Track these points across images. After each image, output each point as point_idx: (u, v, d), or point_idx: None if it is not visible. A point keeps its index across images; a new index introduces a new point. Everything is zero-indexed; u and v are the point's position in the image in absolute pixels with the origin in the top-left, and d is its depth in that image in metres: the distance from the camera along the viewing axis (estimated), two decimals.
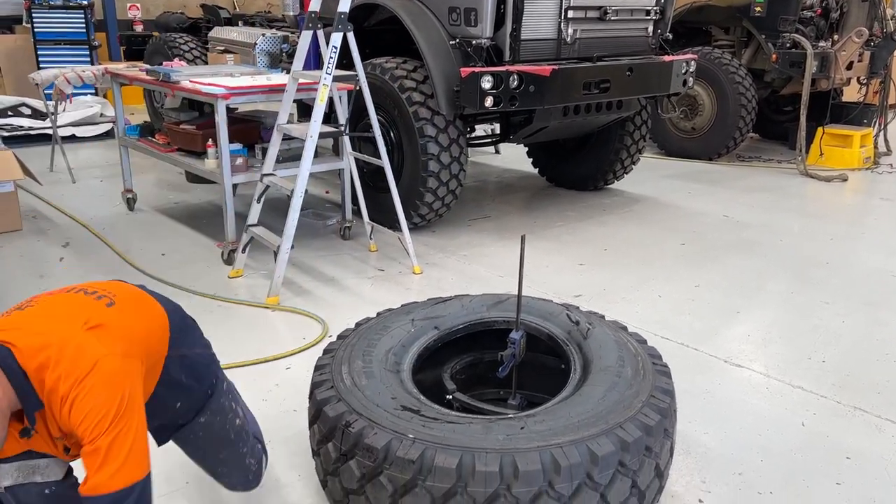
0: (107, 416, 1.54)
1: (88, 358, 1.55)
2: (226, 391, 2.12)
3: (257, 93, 4.33)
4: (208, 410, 2.03)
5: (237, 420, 2.14)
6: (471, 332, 2.72)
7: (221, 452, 2.11)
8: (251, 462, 2.18)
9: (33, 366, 1.54)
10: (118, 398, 1.56)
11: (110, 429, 1.54)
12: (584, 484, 1.97)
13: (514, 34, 4.57)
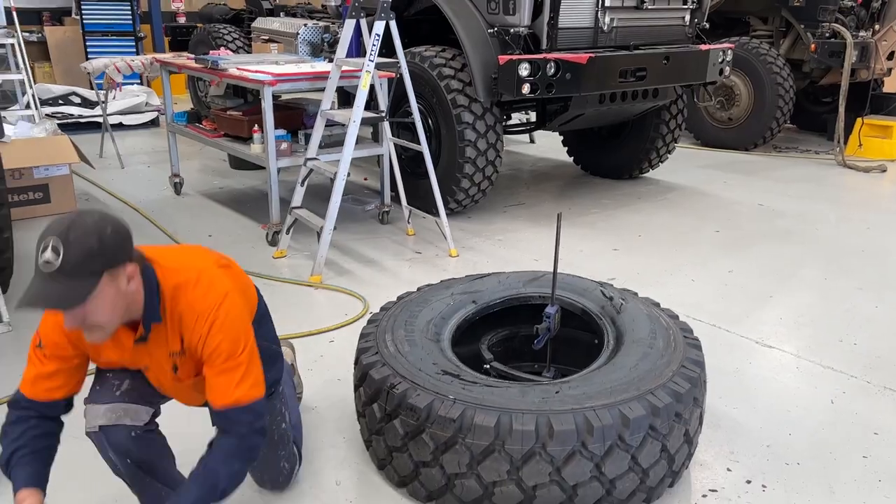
0: (244, 338, 1.78)
1: (221, 288, 1.78)
2: (280, 393, 2.20)
3: (302, 79, 4.48)
4: None
5: (283, 424, 2.20)
6: (507, 306, 2.83)
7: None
8: (285, 466, 2.24)
9: (171, 284, 1.75)
10: (248, 326, 1.82)
11: (247, 350, 1.78)
12: (616, 445, 2.07)
13: (552, 22, 4.64)
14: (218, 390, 1.76)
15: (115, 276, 1.61)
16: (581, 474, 2.06)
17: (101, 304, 1.60)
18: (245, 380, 1.77)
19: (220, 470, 1.75)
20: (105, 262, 1.58)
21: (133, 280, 1.66)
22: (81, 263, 1.54)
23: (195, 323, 1.74)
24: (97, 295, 1.58)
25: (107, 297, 1.60)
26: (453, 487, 2.14)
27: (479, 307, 2.78)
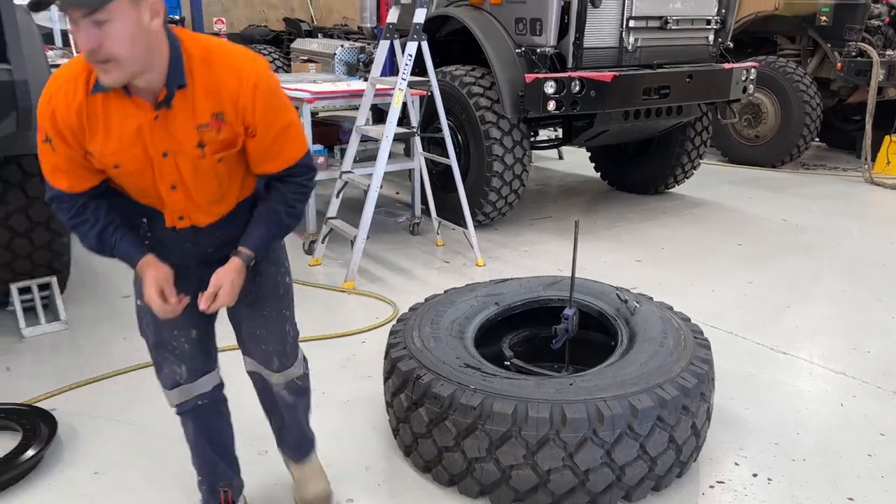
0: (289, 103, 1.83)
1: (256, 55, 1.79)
2: (282, 246, 2.12)
3: (338, 97, 4.74)
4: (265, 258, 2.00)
5: (287, 278, 2.12)
6: (528, 308, 3.00)
7: (266, 307, 2.05)
8: (289, 331, 2.13)
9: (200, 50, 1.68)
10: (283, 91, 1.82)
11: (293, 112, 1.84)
12: (625, 434, 2.23)
13: (577, 43, 4.84)
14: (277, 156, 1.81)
15: (138, 2, 1.54)
16: (592, 460, 2.22)
17: (120, 28, 1.51)
18: (300, 137, 1.84)
19: (282, 214, 1.88)
20: None
21: (157, 19, 1.58)
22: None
23: (240, 84, 1.68)
24: (118, 12, 1.50)
25: (127, 20, 1.51)
26: (473, 471, 2.31)
27: (501, 308, 2.95)
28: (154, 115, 1.67)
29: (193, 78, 1.66)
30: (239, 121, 1.72)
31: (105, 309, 3.90)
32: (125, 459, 2.58)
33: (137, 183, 1.79)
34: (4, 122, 2.88)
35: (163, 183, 1.78)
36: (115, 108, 1.67)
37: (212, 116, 1.70)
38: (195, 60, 1.67)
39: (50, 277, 3.70)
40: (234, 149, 1.77)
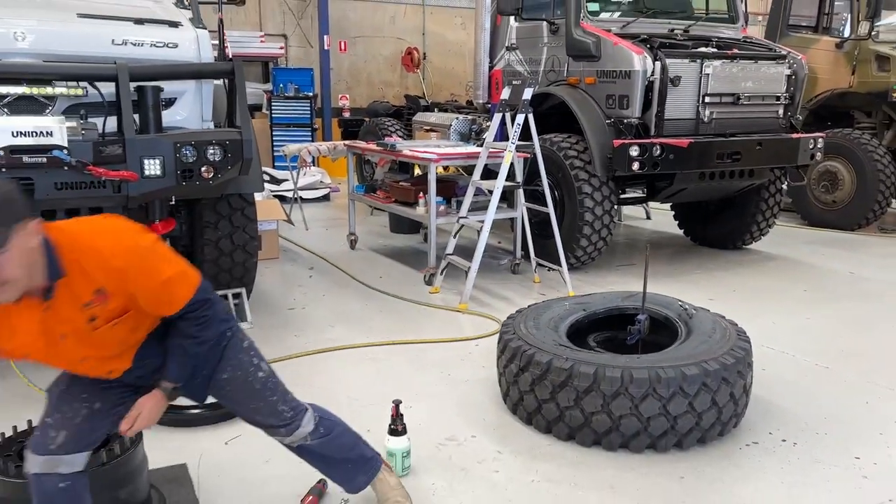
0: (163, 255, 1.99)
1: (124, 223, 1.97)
2: (246, 348, 2.32)
3: (458, 158, 5.83)
4: (228, 367, 2.26)
5: (259, 373, 2.32)
6: (609, 314, 3.88)
7: (252, 403, 2.32)
8: (284, 410, 2.36)
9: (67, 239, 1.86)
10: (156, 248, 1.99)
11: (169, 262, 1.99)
12: (678, 392, 3.06)
13: (659, 115, 5.77)
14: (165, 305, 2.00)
15: (25, 230, 1.73)
16: (652, 410, 3.05)
17: (12, 257, 1.71)
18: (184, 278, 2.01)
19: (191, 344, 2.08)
20: (15, 216, 1.72)
21: (36, 237, 1.77)
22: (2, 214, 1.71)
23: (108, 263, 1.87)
24: (11, 247, 1.70)
25: (18, 249, 1.71)
26: (564, 417, 3.18)
27: (588, 313, 3.85)
28: (43, 308, 1.89)
29: (67, 267, 1.86)
30: (121, 290, 1.92)
31: (277, 316, 5.03)
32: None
33: (52, 364, 2.04)
34: (233, 169, 4.07)
35: (71, 360, 2.03)
36: (14, 311, 1.88)
37: (93, 293, 1.90)
38: (65, 251, 1.86)
39: (241, 289, 4.85)
40: (128, 313, 1.98)
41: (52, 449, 2.08)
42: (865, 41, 8.14)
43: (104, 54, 3.78)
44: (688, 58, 5.82)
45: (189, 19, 4.38)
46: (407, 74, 14.21)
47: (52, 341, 1.95)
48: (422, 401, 3.60)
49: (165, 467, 2.96)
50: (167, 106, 4.10)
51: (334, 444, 2.52)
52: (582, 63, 6.15)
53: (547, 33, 6.55)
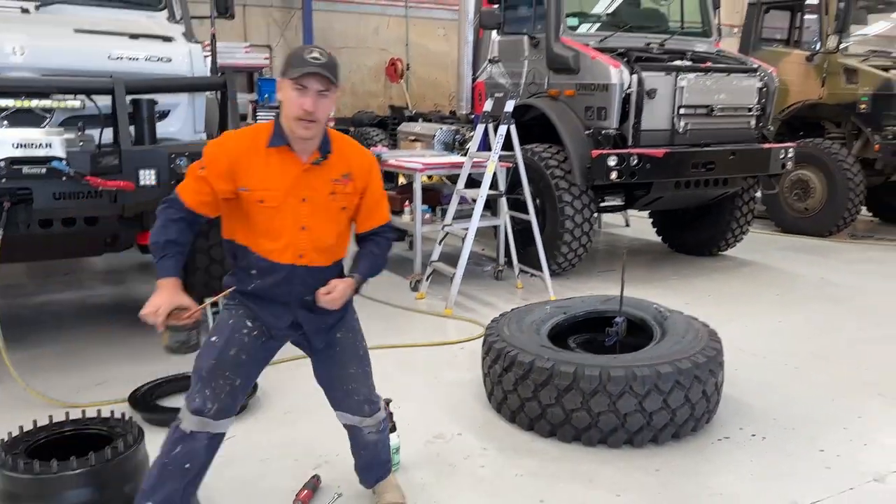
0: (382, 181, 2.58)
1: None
2: (356, 318, 2.65)
3: (443, 168, 6.01)
4: (343, 327, 2.57)
5: (364, 342, 2.64)
6: (588, 317, 4.05)
7: (351, 367, 2.58)
8: (372, 384, 2.65)
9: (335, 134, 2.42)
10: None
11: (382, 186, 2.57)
12: (652, 390, 3.23)
13: (636, 126, 5.98)
14: (377, 213, 2.50)
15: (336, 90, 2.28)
16: (629, 407, 3.22)
17: (329, 103, 2.24)
18: (387, 207, 2.58)
19: (379, 255, 2.53)
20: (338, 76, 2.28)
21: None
22: (335, 66, 2.26)
23: (362, 157, 2.46)
24: (333, 93, 2.24)
25: (333, 99, 2.25)
26: (546, 415, 3.34)
27: (568, 316, 4.02)
28: (304, 168, 2.32)
29: (332, 150, 2.38)
30: (360, 182, 2.42)
31: None
32: (304, 405, 3.72)
33: (271, 219, 2.30)
34: None
35: (296, 223, 2.32)
36: (278, 159, 2.30)
37: (342, 175, 2.39)
38: (334, 138, 2.40)
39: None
40: (354, 201, 2.43)
41: (206, 415, 2.36)
42: (834, 54, 8.43)
43: (101, 68, 3.91)
44: (663, 71, 6.04)
45: (182, 34, 4.52)
46: (391, 85, 14.38)
47: (294, 199, 2.31)
48: (410, 401, 3.74)
49: None
50: (161, 118, 4.23)
51: (384, 440, 2.77)
52: (562, 76, 6.36)
53: (528, 47, 6.75)
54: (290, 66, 2.24)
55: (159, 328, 2.29)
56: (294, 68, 2.22)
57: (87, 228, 4.10)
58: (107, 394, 3.85)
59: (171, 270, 2.32)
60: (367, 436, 2.69)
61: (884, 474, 3.09)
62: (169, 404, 3.70)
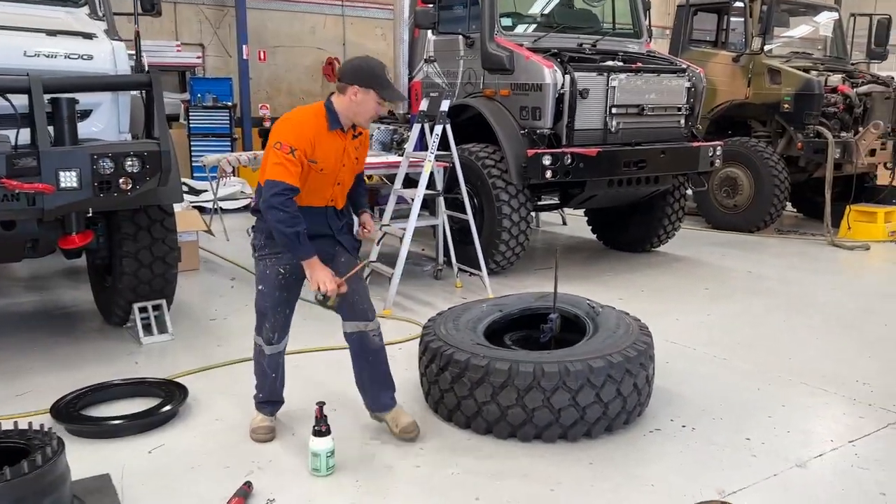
0: None
1: None
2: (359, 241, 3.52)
3: (380, 167, 5.97)
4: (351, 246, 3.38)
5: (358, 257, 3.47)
6: (523, 314, 4.08)
7: (354, 284, 3.21)
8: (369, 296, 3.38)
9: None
10: None
11: None
12: (585, 384, 3.27)
13: (569, 125, 6.06)
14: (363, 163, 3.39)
15: None
16: (562, 402, 3.26)
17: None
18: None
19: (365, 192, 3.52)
20: None
21: None
22: None
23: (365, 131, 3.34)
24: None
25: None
26: (482, 412, 3.35)
27: (504, 314, 4.05)
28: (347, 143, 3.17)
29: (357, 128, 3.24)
30: (364, 143, 3.31)
31: (199, 326, 5.03)
32: (235, 414, 3.64)
33: (321, 180, 3.10)
34: (151, 180, 4.08)
35: (334, 181, 3.18)
36: (333, 138, 3.10)
37: (360, 142, 3.28)
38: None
39: (161, 300, 4.83)
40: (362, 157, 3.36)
41: (275, 341, 3.34)
42: (759, 56, 8.74)
43: (16, 66, 3.74)
44: (595, 71, 6.15)
45: (104, 31, 4.37)
46: (328, 84, 14.23)
47: (338, 165, 3.14)
48: (346, 404, 3.70)
49: (88, 478, 2.96)
50: (83, 118, 4.08)
51: (384, 351, 3.37)
52: (497, 76, 6.40)
53: (463, 47, 6.78)
54: (377, 84, 3.02)
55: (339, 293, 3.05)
56: (385, 90, 3.06)
57: (3, 233, 3.92)
58: (28, 405, 3.69)
59: (311, 249, 3.02)
60: (372, 339, 3.28)
61: (805, 460, 3.21)
62: (95, 414, 3.58)
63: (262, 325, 3.33)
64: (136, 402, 3.72)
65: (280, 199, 2.91)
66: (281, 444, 3.32)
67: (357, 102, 3.02)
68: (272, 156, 2.95)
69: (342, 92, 3.04)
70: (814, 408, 3.78)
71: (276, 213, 2.91)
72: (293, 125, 3.01)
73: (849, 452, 3.29)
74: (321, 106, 3.08)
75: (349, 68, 3.09)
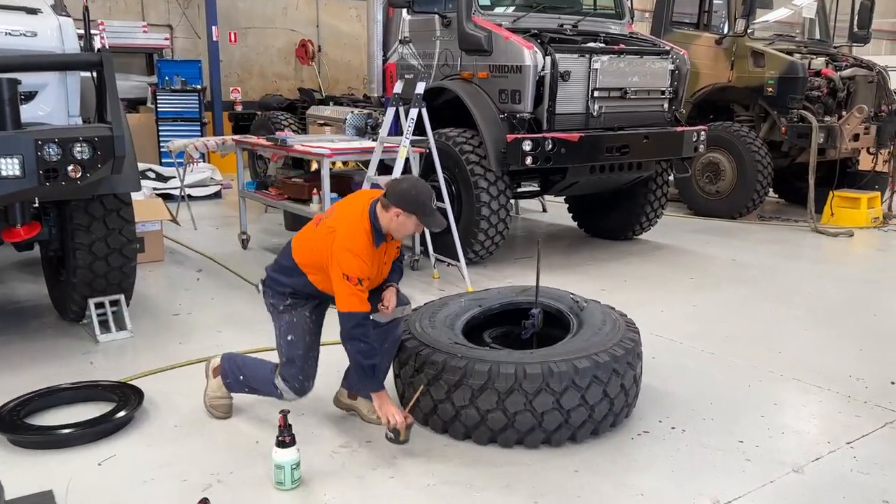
0: None
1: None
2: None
3: (352, 153, 5.70)
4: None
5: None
6: (504, 309, 3.86)
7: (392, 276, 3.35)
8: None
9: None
10: None
11: None
12: (570, 386, 3.06)
13: (550, 109, 5.82)
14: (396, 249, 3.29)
15: None
16: (546, 405, 3.04)
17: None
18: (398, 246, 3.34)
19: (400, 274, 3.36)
20: None
21: None
22: None
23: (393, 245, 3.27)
24: None
25: None
26: (460, 416, 3.13)
27: (483, 309, 3.82)
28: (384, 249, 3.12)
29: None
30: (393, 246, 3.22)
31: (160, 323, 4.75)
32: (196, 418, 3.39)
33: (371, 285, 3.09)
34: (104, 167, 3.79)
35: (378, 281, 3.17)
36: (377, 252, 3.05)
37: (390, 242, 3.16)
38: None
39: (119, 295, 4.54)
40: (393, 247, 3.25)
41: (308, 389, 3.24)
42: (742, 38, 8.55)
43: None
44: (577, 53, 5.91)
45: (50, 6, 4.04)
46: (302, 67, 13.88)
47: (381, 268, 3.16)
48: (314, 407, 3.46)
49: (28, 496, 2.70)
50: (27, 100, 3.78)
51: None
52: (474, 57, 6.14)
53: (439, 27, 6.50)
54: (420, 211, 3.01)
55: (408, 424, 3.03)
56: (426, 216, 3.05)
57: None
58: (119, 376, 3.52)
59: (381, 382, 3.15)
60: (397, 330, 3.32)
61: (802, 464, 3.03)
62: (40, 422, 3.31)
63: (291, 375, 3.18)
64: (88, 407, 3.45)
65: (361, 331, 2.97)
66: (243, 455, 3.08)
67: (399, 223, 3.02)
68: (343, 287, 2.94)
69: (386, 209, 3.01)
70: (807, 406, 3.61)
71: (357, 344, 2.98)
72: (355, 255, 2.95)
73: (847, 455, 3.12)
74: (367, 222, 3.02)
75: (398, 191, 3.02)
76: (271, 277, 3.24)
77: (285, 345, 3.19)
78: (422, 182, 3.16)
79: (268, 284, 3.25)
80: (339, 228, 3.01)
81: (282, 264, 3.21)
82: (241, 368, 3.34)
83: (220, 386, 3.40)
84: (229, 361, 3.39)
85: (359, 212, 3.06)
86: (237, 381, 3.34)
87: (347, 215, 3.08)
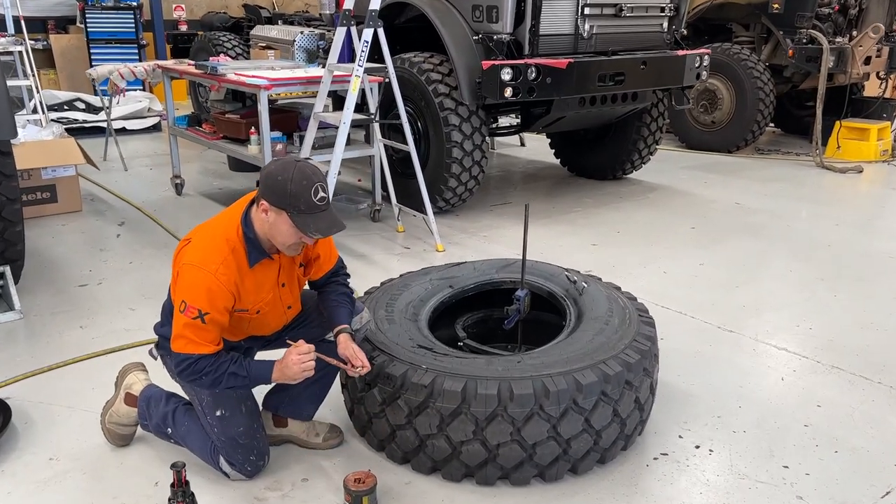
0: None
1: None
2: None
3: (296, 84, 4.74)
4: None
5: None
6: (481, 290, 3.07)
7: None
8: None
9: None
10: None
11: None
12: (571, 408, 2.31)
13: (533, 30, 4.90)
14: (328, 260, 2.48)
15: None
16: (539, 434, 2.29)
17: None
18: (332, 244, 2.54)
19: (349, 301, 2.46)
20: None
21: None
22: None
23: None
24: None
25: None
26: (425, 448, 2.38)
27: (455, 291, 3.02)
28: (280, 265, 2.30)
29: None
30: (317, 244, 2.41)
31: (62, 298, 3.88)
32: (81, 446, 2.59)
33: (263, 317, 2.33)
34: None
35: (282, 306, 2.37)
36: (260, 270, 2.24)
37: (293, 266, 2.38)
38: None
39: (3, 267, 3.67)
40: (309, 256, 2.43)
41: (262, 467, 2.42)
42: None
43: None
44: None
45: None
46: None
47: (278, 292, 2.32)
48: None
49: None
50: None
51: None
52: None
53: None
54: (289, 204, 2.10)
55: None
56: (301, 215, 2.11)
57: None
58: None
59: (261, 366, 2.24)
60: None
61: None
62: None
63: (239, 460, 2.36)
64: None
65: (191, 373, 2.17)
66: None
67: (269, 223, 2.14)
68: (177, 319, 2.13)
69: (258, 205, 2.16)
70: (860, 409, 2.91)
71: (196, 382, 2.21)
72: (206, 274, 2.10)
73: None
74: (234, 229, 2.18)
75: (263, 176, 2.17)
76: (163, 336, 2.35)
77: (217, 424, 2.32)
78: (302, 164, 2.15)
79: (163, 346, 2.36)
80: (194, 238, 2.20)
81: (167, 316, 2.32)
82: (173, 424, 2.46)
83: (131, 415, 2.56)
84: (154, 405, 2.50)
85: (228, 216, 2.23)
86: (161, 431, 2.51)
87: (212, 221, 2.28)
